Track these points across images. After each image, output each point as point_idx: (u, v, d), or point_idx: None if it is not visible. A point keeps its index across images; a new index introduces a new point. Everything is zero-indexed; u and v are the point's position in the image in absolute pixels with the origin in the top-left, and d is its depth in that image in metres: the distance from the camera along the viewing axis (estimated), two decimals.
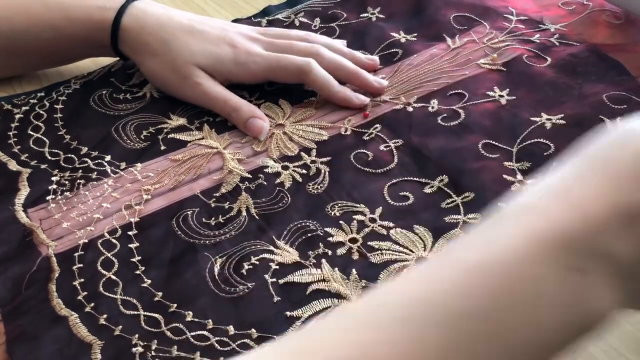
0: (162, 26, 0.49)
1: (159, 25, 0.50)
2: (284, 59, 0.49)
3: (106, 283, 0.39)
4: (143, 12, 0.50)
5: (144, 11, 0.50)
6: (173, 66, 0.49)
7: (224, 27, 0.51)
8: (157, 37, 0.49)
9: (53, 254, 0.40)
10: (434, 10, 0.59)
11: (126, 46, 0.51)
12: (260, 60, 0.49)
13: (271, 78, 0.51)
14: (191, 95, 0.50)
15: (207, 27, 0.50)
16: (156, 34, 0.49)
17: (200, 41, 0.49)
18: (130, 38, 0.50)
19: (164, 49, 0.49)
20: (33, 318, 0.37)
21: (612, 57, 0.52)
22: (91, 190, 0.45)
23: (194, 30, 0.50)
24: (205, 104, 0.50)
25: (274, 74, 0.50)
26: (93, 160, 0.47)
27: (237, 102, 0.49)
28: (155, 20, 0.50)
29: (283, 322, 0.36)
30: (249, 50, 0.50)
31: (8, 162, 0.47)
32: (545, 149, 0.45)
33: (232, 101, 0.49)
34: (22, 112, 0.52)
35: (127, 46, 0.51)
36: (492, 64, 0.52)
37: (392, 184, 0.44)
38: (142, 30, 0.49)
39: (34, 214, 0.43)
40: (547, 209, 0.24)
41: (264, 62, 0.49)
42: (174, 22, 0.50)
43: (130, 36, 0.50)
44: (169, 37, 0.49)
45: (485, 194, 0.42)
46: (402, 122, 0.48)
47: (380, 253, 0.39)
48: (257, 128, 0.47)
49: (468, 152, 0.45)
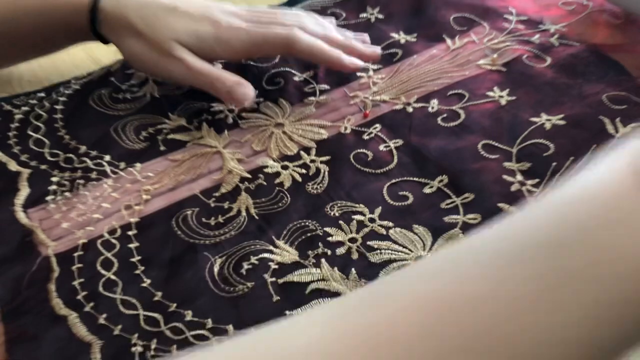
0: (143, 5, 0.48)
1: (139, 4, 0.48)
2: (268, 32, 0.48)
3: (106, 283, 0.39)
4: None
5: None
6: (154, 44, 0.48)
7: (208, 5, 0.50)
8: (138, 16, 0.48)
9: (53, 254, 0.40)
10: (433, 10, 0.59)
11: (106, 27, 0.49)
12: (245, 35, 0.48)
13: (256, 54, 0.50)
14: (173, 71, 0.49)
15: (189, 6, 0.49)
16: (137, 13, 0.48)
17: (182, 19, 0.48)
18: (109, 19, 0.48)
19: (145, 28, 0.48)
20: (33, 318, 0.37)
21: (611, 57, 0.52)
22: (91, 190, 0.45)
23: (176, 9, 0.48)
24: (188, 80, 0.49)
25: (259, 49, 0.49)
26: (92, 160, 0.47)
27: (220, 72, 0.48)
28: (135, 1, 0.48)
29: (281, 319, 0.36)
30: (232, 25, 0.48)
31: (8, 162, 0.47)
32: (545, 150, 0.45)
33: (215, 72, 0.48)
34: (22, 113, 0.52)
35: (106, 27, 0.49)
36: (492, 64, 0.52)
37: (392, 183, 0.44)
38: (123, 9, 0.48)
39: (34, 214, 0.43)
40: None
41: (248, 37, 0.48)
42: (155, 2, 0.49)
43: (109, 17, 0.48)
44: (151, 15, 0.48)
45: (485, 194, 0.42)
46: (402, 122, 0.48)
47: (379, 252, 0.39)
48: (240, 94, 0.47)
49: (468, 152, 0.45)
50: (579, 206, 0.23)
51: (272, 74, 0.54)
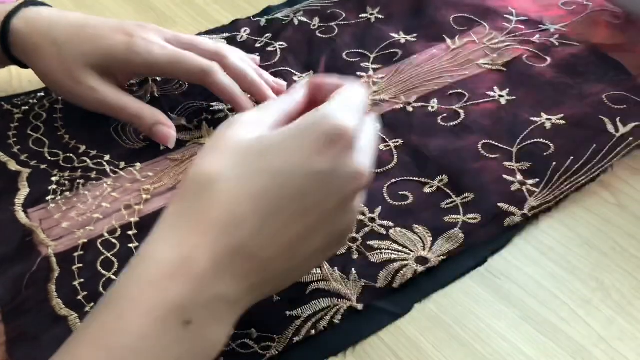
0: (53, 26, 0.46)
1: (49, 25, 0.46)
2: (187, 56, 0.46)
3: (106, 283, 0.39)
4: (35, 13, 0.47)
5: (36, 12, 0.47)
6: (64, 71, 0.46)
7: (122, 21, 0.48)
8: (48, 38, 0.46)
9: (53, 254, 0.40)
10: (433, 11, 0.59)
11: (17, 50, 0.48)
12: (159, 50, 0.46)
13: (170, 74, 0.48)
14: (86, 102, 0.47)
15: (101, 22, 0.47)
16: (46, 34, 0.46)
17: (92, 37, 0.46)
18: (20, 41, 0.47)
19: (54, 50, 0.46)
20: (33, 318, 0.37)
21: (612, 57, 0.52)
22: (91, 190, 0.45)
23: (86, 26, 0.46)
24: (102, 111, 0.47)
25: (173, 69, 0.47)
26: (92, 160, 0.47)
27: (136, 109, 0.46)
28: (46, 21, 0.47)
29: (283, 321, 0.36)
30: (146, 38, 0.46)
31: (8, 162, 0.47)
32: (545, 149, 0.45)
33: (131, 108, 0.46)
34: (22, 112, 0.52)
35: (18, 49, 0.47)
36: (492, 64, 0.52)
37: (392, 183, 0.44)
38: (33, 31, 0.46)
39: (34, 214, 0.43)
40: (158, 286, 0.27)
41: (164, 53, 0.46)
42: (67, 21, 0.47)
43: (20, 39, 0.47)
44: (60, 37, 0.46)
45: (485, 194, 0.42)
46: (402, 122, 0.48)
47: (379, 252, 0.39)
48: (162, 136, 0.45)
49: (468, 152, 0.45)
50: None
51: (273, 75, 0.54)
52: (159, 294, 0.27)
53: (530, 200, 0.41)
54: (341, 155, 0.29)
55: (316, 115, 0.30)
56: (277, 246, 0.29)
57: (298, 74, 0.54)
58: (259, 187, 0.28)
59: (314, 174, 0.28)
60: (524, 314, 0.36)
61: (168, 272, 0.27)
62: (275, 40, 0.58)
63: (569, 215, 0.41)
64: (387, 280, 0.37)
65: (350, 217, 0.32)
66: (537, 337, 0.35)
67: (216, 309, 0.28)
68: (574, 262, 0.38)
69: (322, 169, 0.29)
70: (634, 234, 0.40)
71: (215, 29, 0.61)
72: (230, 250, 0.28)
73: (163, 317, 0.26)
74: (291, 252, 0.30)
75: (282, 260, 0.30)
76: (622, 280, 0.37)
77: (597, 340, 0.34)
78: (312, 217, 0.29)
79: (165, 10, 0.65)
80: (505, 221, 0.40)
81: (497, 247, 0.39)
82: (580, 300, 0.36)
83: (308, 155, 0.28)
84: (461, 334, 0.35)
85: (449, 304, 0.37)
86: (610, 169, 0.43)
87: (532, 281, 0.37)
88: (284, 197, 0.28)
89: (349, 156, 0.29)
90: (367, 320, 0.36)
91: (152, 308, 0.26)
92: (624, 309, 0.36)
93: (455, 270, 0.38)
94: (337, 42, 0.57)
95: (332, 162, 0.29)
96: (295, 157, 0.28)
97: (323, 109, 0.30)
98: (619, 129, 0.45)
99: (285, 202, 0.28)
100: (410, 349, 0.35)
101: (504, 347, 0.34)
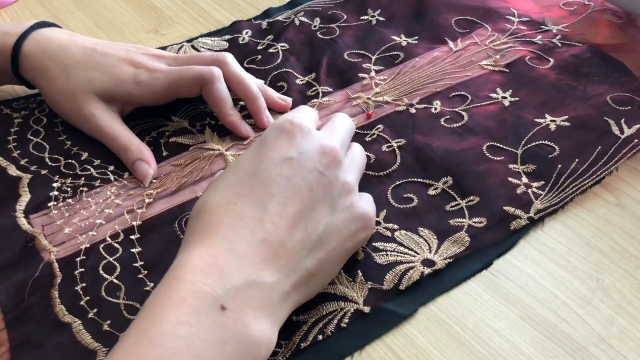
0: (64, 51, 0.47)
1: (60, 50, 0.48)
2: (186, 69, 0.47)
3: (108, 287, 0.38)
4: (46, 38, 0.48)
5: (47, 37, 0.48)
6: (69, 94, 0.47)
7: (129, 48, 0.49)
8: (57, 63, 0.47)
9: (55, 259, 0.40)
10: (435, 13, 0.59)
11: (27, 72, 0.49)
12: (161, 75, 0.47)
13: (174, 94, 0.49)
14: (84, 126, 0.48)
15: (109, 50, 0.48)
16: (56, 59, 0.47)
17: (100, 65, 0.47)
18: (30, 63, 0.48)
19: (62, 75, 0.47)
20: (36, 325, 0.36)
21: (614, 58, 0.52)
22: (93, 196, 0.44)
23: (95, 54, 0.48)
24: (97, 137, 0.48)
25: (176, 87, 0.48)
26: (96, 170, 0.46)
27: (125, 142, 0.47)
28: (57, 46, 0.48)
29: (289, 326, 0.35)
30: (150, 67, 0.48)
31: (8, 167, 0.47)
32: (550, 151, 0.44)
33: (121, 139, 0.47)
34: (22, 117, 0.51)
35: (27, 72, 0.48)
36: (494, 65, 0.52)
37: (396, 185, 0.43)
38: (43, 55, 0.47)
39: (36, 220, 0.43)
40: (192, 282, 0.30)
41: (165, 77, 0.47)
42: (77, 47, 0.48)
43: (30, 61, 0.48)
44: (69, 62, 0.47)
45: (491, 197, 0.42)
46: (404, 123, 0.48)
47: (385, 254, 0.39)
48: (141, 173, 0.45)
49: (472, 153, 0.45)
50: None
51: (275, 77, 0.53)
52: (188, 285, 0.29)
53: (536, 203, 0.41)
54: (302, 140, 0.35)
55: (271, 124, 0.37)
56: (284, 222, 0.33)
57: (300, 77, 0.53)
58: (245, 187, 0.34)
59: (285, 159, 0.34)
60: (524, 314, 0.36)
61: (194, 269, 0.30)
62: (276, 42, 0.57)
63: (569, 215, 0.41)
64: (393, 282, 0.37)
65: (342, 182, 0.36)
66: (537, 337, 0.35)
67: (248, 295, 0.30)
68: (574, 262, 0.38)
69: (290, 155, 0.34)
70: (634, 234, 0.40)
71: (216, 30, 0.61)
72: (244, 242, 0.32)
73: (195, 305, 0.29)
74: (299, 224, 0.33)
75: (296, 238, 0.33)
76: (622, 280, 0.37)
77: (597, 340, 0.34)
78: (303, 193, 0.34)
79: (165, 10, 0.65)
80: (511, 224, 0.40)
81: (503, 250, 0.39)
82: (580, 300, 0.36)
83: (271, 149, 0.35)
84: (461, 334, 0.35)
85: (449, 304, 0.37)
86: (616, 170, 0.43)
87: (532, 281, 0.37)
88: (272, 184, 0.34)
89: (310, 138, 0.35)
90: (374, 323, 0.36)
91: (183, 297, 0.29)
92: (624, 309, 0.36)
93: (461, 273, 0.38)
94: (338, 43, 0.56)
95: (296, 147, 0.35)
96: (264, 156, 0.35)
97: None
98: (624, 131, 0.45)
99: (274, 189, 0.33)
100: (410, 349, 0.35)
101: (504, 347, 0.34)
